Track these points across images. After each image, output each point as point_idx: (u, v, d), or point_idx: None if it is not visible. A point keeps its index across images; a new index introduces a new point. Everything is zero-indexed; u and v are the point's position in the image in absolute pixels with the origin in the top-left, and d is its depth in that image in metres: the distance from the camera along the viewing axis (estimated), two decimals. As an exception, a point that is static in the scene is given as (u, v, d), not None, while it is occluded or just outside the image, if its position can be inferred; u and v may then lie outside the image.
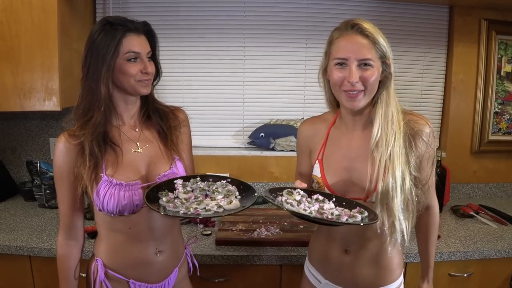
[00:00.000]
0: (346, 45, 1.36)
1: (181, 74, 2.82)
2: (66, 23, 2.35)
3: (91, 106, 1.42)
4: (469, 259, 2.07)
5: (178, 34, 2.78)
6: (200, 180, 1.47)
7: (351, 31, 1.36)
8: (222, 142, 2.91)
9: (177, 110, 1.63)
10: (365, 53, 1.34)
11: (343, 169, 1.48)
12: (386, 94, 1.40)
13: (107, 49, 1.36)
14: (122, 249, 1.49)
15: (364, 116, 1.46)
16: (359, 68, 1.35)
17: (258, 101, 2.88)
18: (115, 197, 1.40)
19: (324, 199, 1.41)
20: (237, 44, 2.80)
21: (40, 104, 2.30)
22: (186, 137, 1.63)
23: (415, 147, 1.40)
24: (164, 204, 1.32)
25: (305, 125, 1.64)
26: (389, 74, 1.39)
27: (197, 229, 2.28)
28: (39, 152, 2.86)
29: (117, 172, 1.43)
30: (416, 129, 1.40)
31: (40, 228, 2.27)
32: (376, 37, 1.34)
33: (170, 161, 1.52)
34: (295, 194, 1.40)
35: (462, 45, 2.77)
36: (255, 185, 2.84)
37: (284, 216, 2.41)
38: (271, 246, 2.07)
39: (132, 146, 1.49)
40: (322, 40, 2.76)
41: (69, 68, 2.38)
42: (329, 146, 1.54)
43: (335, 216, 1.31)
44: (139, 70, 1.41)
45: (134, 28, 1.41)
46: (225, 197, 1.37)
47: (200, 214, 1.29)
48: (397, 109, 1.40)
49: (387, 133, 1.37)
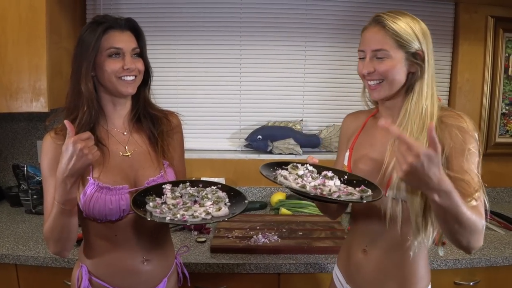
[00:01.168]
0: (364, 37, 1.42)
1: (175, 74, 2.82)
2: (55, 21, 2.35)
3: (76, 105, 1.43)
4: (475, 266, 2.07)
5: (171, 33, 2.79)
6: (189, 185, 1.48)
7: (372, 23, 1.40)
8: (218, 145, 2.91)
9: (170, 115, 1.64)
10: (378, 44, 1.36)
11: (368, 159, 1.48)
12: (419, 86, 1.39)
13: (89, 45, 1.40)
14: (107, 256, 1.48)
15: (397, 107, 1.46)
16: (374, 60, 1.38)
17: (255, 102, 2.88)
18: (101, 201, 1.39)
19: (334, 176, 1.43)
20: (234, 43, 2.81)
21: (27, 105, 2.30)
22: (178, 143, 1.64)
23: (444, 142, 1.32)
24: (151, 209, 1.33)
25: (348, 117, 1.68)
26: (420, 66, 1.38)
27: (191, 236, 2.28)
28: (26, 155, 2.86)
29: (104, 175, 1.43)
30: (448, 123, 1.35)
31: (26, 235, 2.26)
32: (396, 28, 1.35)
33: (159, 166, 1.52)
34: (301, 168, 1.43)
35: (468, 43, 2.78)
36: (251, 190, 2.85)
37: (282, 223, 2.41)
38: (269, 254, 2.07)
39: (120, 149, 1.50)
40: (322, 39, 2.81)
41: (58, 67, 2.37)
42: (362, 135, 1.56)
43: (328, 192, 1.31)
44: (120, 66, 1.42)
45: (117, 25, 1.43)
46: (214, 204, 1.38)
47: (187, 221, 1.30)
48: (432, 103, 1.39)
49: (413, 125, 1.36)
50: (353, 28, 2.79)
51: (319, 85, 2.87)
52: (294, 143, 2.79)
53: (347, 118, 1.67)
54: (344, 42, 2.82)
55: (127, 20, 1.46)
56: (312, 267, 1.99)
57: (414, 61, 1.38)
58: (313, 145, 2.85)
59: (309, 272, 2.00)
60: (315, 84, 2.87)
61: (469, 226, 1.19)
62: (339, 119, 2.87)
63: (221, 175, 2.80)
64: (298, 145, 2.80)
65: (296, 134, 2.81)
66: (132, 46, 1.45)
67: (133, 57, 1.45)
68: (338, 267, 1.66)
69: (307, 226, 2.37)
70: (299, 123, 2.83)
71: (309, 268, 1.99)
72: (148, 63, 1.53)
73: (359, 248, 1.53)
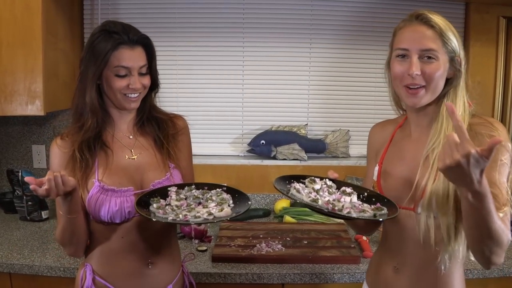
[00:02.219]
0: (408, 35, 1.36)
1: (175, 77, 2.83)
2: (52, 21, 2.36)
3: (83, 112, 1.52)
4: (487, 277, 2.06)
5: (171, 34, 2.79)
6: (195, 188, 1.54)
7: (415, 21, 1.36)
8: (219, 150, 2.91)
9: (176, 118, 1.70)
10: (429, 43, 1.33)
11: (399, 174, 1.46)
12: (453, 93, 1.38)
13: (98, 57, 1.45)
14: (113, 257, 1.54)
15: (428, 115, 1.43)
16: (421, 61, 1.34)
17: (258, 106, 2.88)
18: (107, 203, 1.46)
19: (353, 192, 1.43)
20: (236, 44, 2.82)
21: (22, 108, 2.31)
22: (185, 145, 1.70)
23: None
24: (154, 210, 1.39)
25: (374, 128, 1.65)
26: (458, 72, 1.37)
27: (192, 245, 2.28)
28: (20, 160, 2.86)
29: (109, 177, 1.50)
30: (479, 132, 1.33)
31: (21, 243, 2.26)
32: (443, 28, 1.34)
33: (165, 169, 1.59)
34: (318, 183, 1.45)
35: (479, 45, 2.78)
36: (254, 197, 2.84)
37: (286, 231, 2.40)
38: (272, 264, 2.06)
39: (126, 153, 1.57)
40: (328, 40, 2.82)
41: (54, 69, 2.38)
42: (391, 149, 1.53)
43: (339, 207, 1.33)
44: (126, 85, 1.48)
45: (128, 40, 1.46)
46: (218, 205, 1.43)
47: (189, 220, 1.35)
48: (464, 110, 1.37)
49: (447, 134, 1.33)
50: (360, 29, 2.79)
51: (324, 88, 2.87)
52: (299, 148, 2.79)
53: (374, 130, 1.64)
54: (351, 44, 2.82)
55: (143, 38, 1.51)
56: (318, 277, 1.98)
57: (454, 66, 1.36)
58: (319, 151, 2.85)
59: (315, 282, 1.99)
60: (321, 87, 2.87)
61: (496, 236, 1.17)
62: (345, 123, 2.87)
63: (223, 181, 2.80)
64: (302, 151, 2.80)
65: (300, 139, 2.80)
66: (140, 64, 1.50)
67: (140, 74, 1.51)
68: (367, 284, 1.64)
69: (312, 234, 2.36)
70: (304, 128, 2.83)
71: (314, 279, 1.98)
72: (156, 76, 1.60)
73: (390, 266, 1.51)
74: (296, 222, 2.60)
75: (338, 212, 1.30)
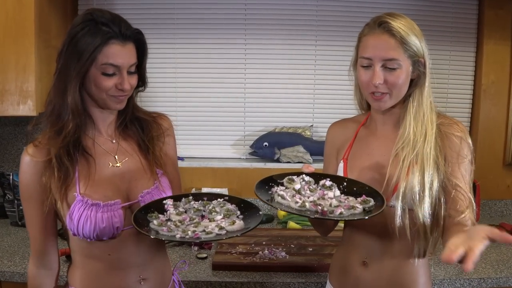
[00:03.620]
0: (371, 43, 1.45)
1: (174, 75, 2.83)
2: (45, 18, 2.37)
3: (61, 113, 1.39)
4: (502, 286, 2.06)
5: (169, 30, 2.80)
6: (193, 199, 1.45)
7: (378, 29, 1.44)
8: (220, 152, 2.91)
9: (160, 118, 1.60)
10: (390, 53, 1.41)
11: (367, 169, 1.54)
12: (418, 93, 1.48)
13: (83, 53, 1.32)
14: (100, 278, 1.45)
15: (395, 115, 1.54)
16: (384, 70, 1.43)
17: (261, 106, 2.89)
18: (92, 220, 1.36)
19: (332, 184, 1.46)
20: (238, 41, 2.82)
21: (14, 109, 2.31)
22: (171, 148, 1.62)
23: (444, 151, 1.45)
24: (156, 228, 1.30)
25: (334, 125, 1.73)
26: (422, 73, 1.47)
27: (191, 252, 2.28)
28: (12, 162, 2.87)
29: (93, 190, 1.40)
30: (447, 132, 1.47)
31: (12, 249, 2.27)
32: (404, 35, 1.41)
33: (153, 177, 1.49)
34: (297, 181, 1.46)
35: (494, 42, 2.78)
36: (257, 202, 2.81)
37: (290, 238, 2.40)
38: (276, 272, 2.06)
39: (109, 160, 1.47)
40: (333, 37, 2.82)
41: (47, 68, 2.39)
42: (356, 145, 1.61)
43: (329, 208, 1.33)
44: (114, 84, 1.37)
45: (120, 34, 1.34)
46: (226, 218, 1.36)
47: (200, 237, 1.26)
48: (430, 109, 1.48)
49: (416, 133, 1.45)
50: (367, 26, 2.79)
51: (330, 87, 2.87)
52: (304, 151, 2.79)
53: (334, 128, 1.73)
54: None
55: (136, 32, 1.40)
56: (323, 286, 1.98)
57: (418, 68, 1.46)
58: (324, 153, 2.85)
59: (320, 291, 1.99)
60: (327, 87, 2.87)
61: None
62: (352, 124, 2.87)
63: (224, 185, 2.80)
64: (307, 153, 2.80)
65: (305, 141, 2.81)
66: (131, 62, 1.39)
67: (128, 73, 1.39)
68: (332, 284, 1.67)
69: (317, 241, 2.36)
70: (309, 129, 2.83)
71: (320, 288, 1.98)
72: (144, 74, 1.49)
73: (358, 260, 1.57)
74: (301, 228, 2.60)
75: (329, 214, 1.31)
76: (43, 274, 1.52)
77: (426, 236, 1.44)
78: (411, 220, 1.43)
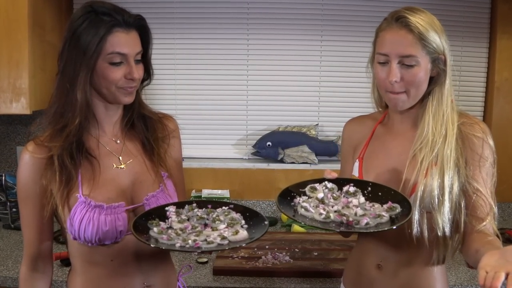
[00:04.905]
0: (388, 39, 1.44)
1: (173, 72, 2.83)
2: (39, 11, 2.37)
3: (65, 111, 1.39)
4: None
5: (168, 25, 2.80)
6: (196, 206, 1.44)
7: (395, 24, 1.43)
8: (222, 152, 2.92)
9: (166, 118, 1.61)
10: (407, 49, 1.40)
11: (383, 170, 1.53)
12: (438, 91, 1.47)
13: (88, 46, 1.33)
14: (102, 285, 1.45)
15: (413, 113, 1.53)
16: (401, 67, 1.42)
17: (264, 104, 2.89)
18: (95, 223, 1.35)
19: (356, 190, 1.45)
20: (240, 36, 2.82)
21: (6, 106, 2.31)
22: (176, 151, 1.62)
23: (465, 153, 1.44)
24: (156, 235, 1.29)
25: (351, 122, 1.74)
26: (442, 71, 1.46)
27: (191, 256, 2.28)
28: (4, 163, 2.87)
29: (95, 191, 1.40)
30: (467, 132, 1.46)
31: (4, 253, 2.27)
32: (423, 31, 1.40)
33: (158, 179, 1.49)
34: (320, 189, 1.45)
35: (507, 38, 2.77)
36: (260, 204, 2.84)
37: (294, 241, 2.40)
38: (279, 277, 2.06)
39: (113, 161, 1.47)
40: (340, 32, 2.81)
41: (42, 64, 2.39)
42: (372, 144, 1.61)
43: (355, 218, 1.32)
44: (123, 75, 1.37)
45: (123, 22, 1.36)
46: (229, 227, 1.35)
47: (201, 247, 1.26)
48: (451, 109, 1.47)
49: (435, 133, 1.43)
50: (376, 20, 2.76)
51: (337, 84, 2.87)
52: (309, 151, 2.79)
53: (350, 125, 1.73)
54: (365, 36, 2.78)
55: (139, 18, 1.41)
56: (329, 292, 1.99)
57: (438, 65, 1.45)
58: (330, 153, 2.85)
59: (326, 298, 1.99)
60: (333, 83, 2.87)
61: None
62: (359, 123, 2.87)
63: (225, 186, 2.80)
64: (313, 153, 2.80)
65: (310, 141, 2.81)
66: (136, 50, 1.40)
67: (135, 62, 1.40)
68: (345, 286, 1.68)
69: (323, 245, 2.36)
70: (314, 128, 2.83)
71: (326, 294, 1.98)
72: (150, 64, 1.50)
73: (373, 264, 1.57)
74: (306, 231, 2.60)
75: (355, 226, 1.30)
76: (36, 277, 1.51)
77: (445, 243, 1.44)
78: (429, 225, 1.42)
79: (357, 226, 1.30)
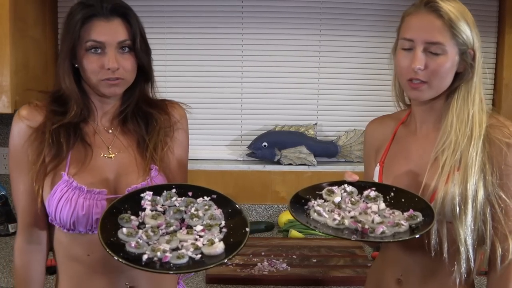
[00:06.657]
0: (414, 24, 1.40)
1: (164, 69, 2.82)
2: (21, 5, 2.36)
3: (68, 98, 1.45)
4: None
5: (159, 19, 2.80)
6: (175, 193, 1.42)
7: (424, 8, 1.39)
8: (215, 153, 2.92)
9: (171, 106, 1.64)
10: (435, 36, 1.37)
11: (404, 174, 1.50)
12: (464, 89, 1.43)
13: (68, 32, 1.40)
14: (81, 283, 1.46)
15: (437, 112, 1.49)
16: (427, 54, 1.38)
17: (260, 103, 2.89)
18: (72, 204, 1.38)
19: (378, 195, 1.43)
20: (234, 31, 2.83)
21: (-14, 105, 2.31)
22: (179, 144, 1.62)
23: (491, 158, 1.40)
24: (124, 238, 1.26)
25: (372, 123, 1.71)
26: (470, 66, 1.42)
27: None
28: (-16, 165, 2.86)
29: (80, 175, 1.43)
30: (496, 138, 1.40)
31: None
32: (454, 18, 1.36)
33: (145, 174, 1.49)
34: (338, 192, 1.43)
35: (516, 33, 2.78)
36: (255, 208, 2.84)
37: (292, 248, 2.40)
38: (276, 285, 2.06)
39: (102, 150, 1.50)
40: (339, 27, 2.82)
41: (24, 60, 2.38)
42: (393, 147, 1.58)
43: (370, 225, 1.30)
44: (99, 65, 1.40)
45: (102, 9, 1.40)
46: (206, 229, 1.31)
47: (170, 263, 1.21)
48: (480, 109, 1.43)
49: (458, 134, 1.39)
50: (378, 14, 2.79)
51: (337, 81, 2.88)
52: (307, 152, 2.79)
53: (372, 126, 1.70)
54: (367, 31, 2.82)
55: (116, 5, 1.43)
56: (328, 301, 1.99)
57: (465, 60, 1.41)
58: (330, 154, 2.85)
59: (325, 307, 1.99)
60: (332, 81, 2.88)
61: None
62: (360, 122, 2.86)
63: (219, 189, 2.71)
64: (311, 154, 2.80)
65: (309, 141, 2.81)
66: (118, 39, 1.42)
67: (120, 52, 1.42)
68: None
69: (322, 251, 2.36)
70: (312, 128, 2.83)
71: (325, 303, 1.99)
72: (143, 57, 1.51)
73: (393, 278, 1.54)
74: (304, 237, 2.60)
75: (370, 234, 1.28)
76: (33, 249, 1.53)
77: (468, 257, 1.38)
78: (450, 237, 1.39)
79: (371, 235, 1.28)
